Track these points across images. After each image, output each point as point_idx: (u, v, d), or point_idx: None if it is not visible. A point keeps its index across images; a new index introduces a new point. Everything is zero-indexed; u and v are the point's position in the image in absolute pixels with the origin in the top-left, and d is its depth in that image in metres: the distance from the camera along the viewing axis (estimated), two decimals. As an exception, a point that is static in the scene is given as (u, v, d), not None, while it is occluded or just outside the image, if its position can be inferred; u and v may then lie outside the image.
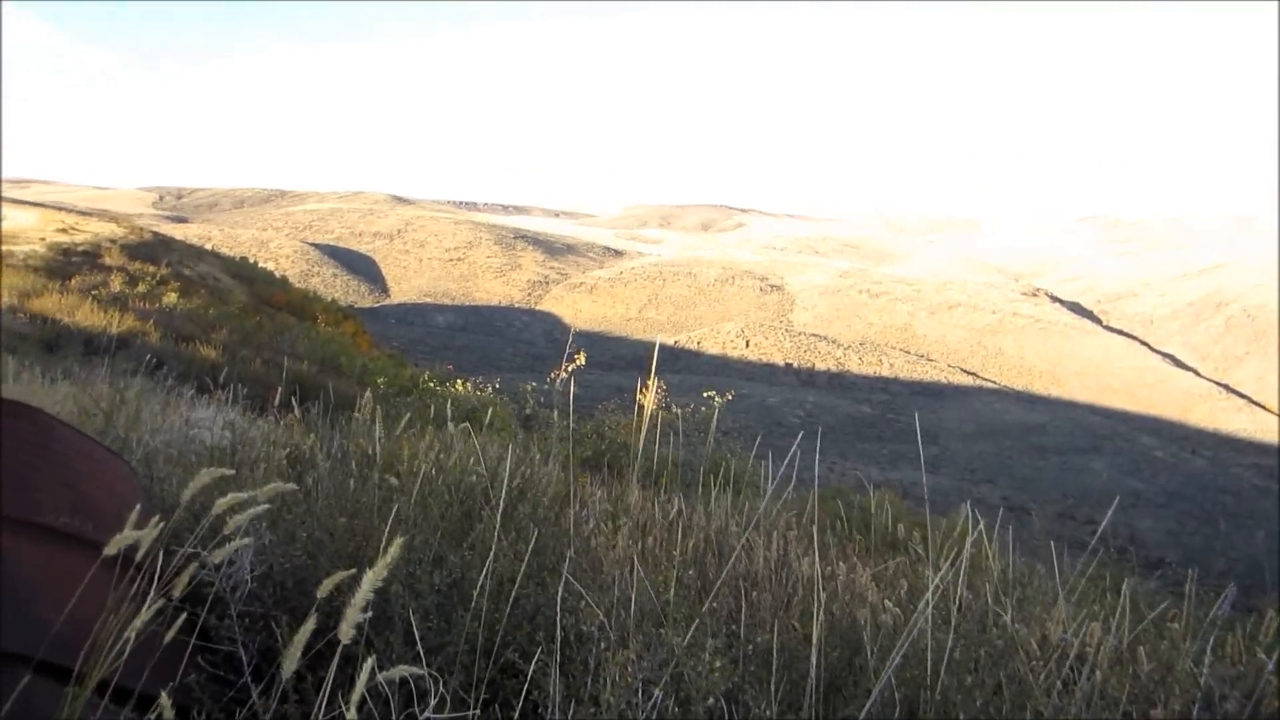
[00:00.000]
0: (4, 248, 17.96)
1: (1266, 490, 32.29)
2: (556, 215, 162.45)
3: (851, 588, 2.53)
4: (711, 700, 1.64)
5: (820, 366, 49.47)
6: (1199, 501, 29.29)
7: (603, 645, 1.75)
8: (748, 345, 51.96)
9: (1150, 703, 1.96)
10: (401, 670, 1.24)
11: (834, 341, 53.88)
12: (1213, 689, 2.10)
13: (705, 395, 9.99)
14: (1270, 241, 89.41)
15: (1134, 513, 27.50)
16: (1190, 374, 56.48)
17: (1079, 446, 35.65)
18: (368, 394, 3.44)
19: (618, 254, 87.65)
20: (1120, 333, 64.94)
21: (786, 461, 2.37)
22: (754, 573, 2.45)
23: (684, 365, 47.84)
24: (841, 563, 2.86)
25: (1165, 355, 60.43)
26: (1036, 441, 36.26)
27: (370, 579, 1.13)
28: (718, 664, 1.67)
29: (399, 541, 1.26)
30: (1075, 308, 71.01)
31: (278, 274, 30.86)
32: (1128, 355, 58.55)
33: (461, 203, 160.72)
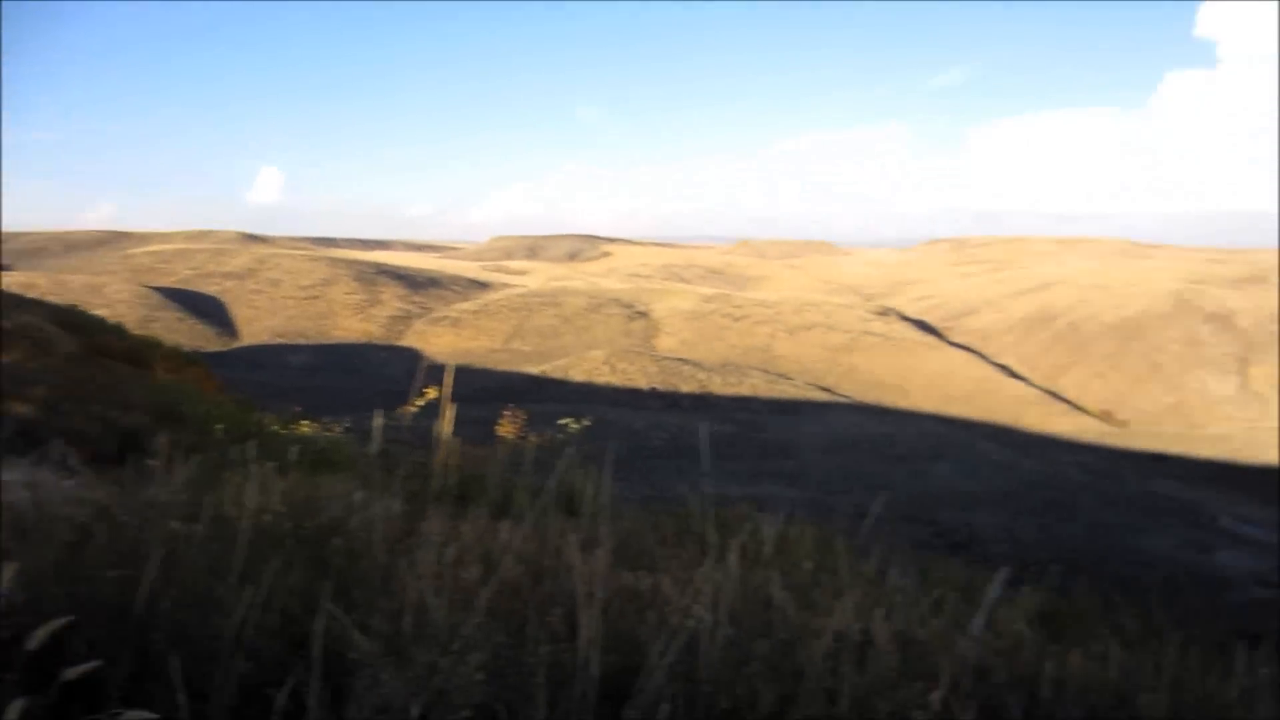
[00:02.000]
0: None
1: (1088, 486, 35.11)
2: (419, 249, 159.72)
3: (645, 593, 2.52)
4: (467, 712, 1.68)
5: (684, 389, 50.46)
6: (1029, 499, 31.50)
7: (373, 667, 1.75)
8: (613, 371, 52.49)
9: (930, 678, 2.07)
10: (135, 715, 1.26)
11: (697, 364, 55.09)
12: (985, 661, 2.35)
13: (561, 423, 10.28)
14: (1091, 262, 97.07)
15: (973, 512, 29.31)
16: (1022, 383, 60.70)
17: (924, 454, 37.75)
18: (163, 440, 3.35)
19: (483, 286, 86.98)
20: (962, 347, 69.07)
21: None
22: (566, 590, 2.40)
23: (550, 394, 47.91)
24: (638, 571, 2.86)
25: (1001, 366, 64.67)
26: (887, 451, 38.17)
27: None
28: (478, 676, 1.71)
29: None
30: (922, 325, 75.05)
31: (111, 320, 29.21)
32: (968, 367, 62.41)
33: (318, 239, 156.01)
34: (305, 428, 13.62)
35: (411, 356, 60.62)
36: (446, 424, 3.96)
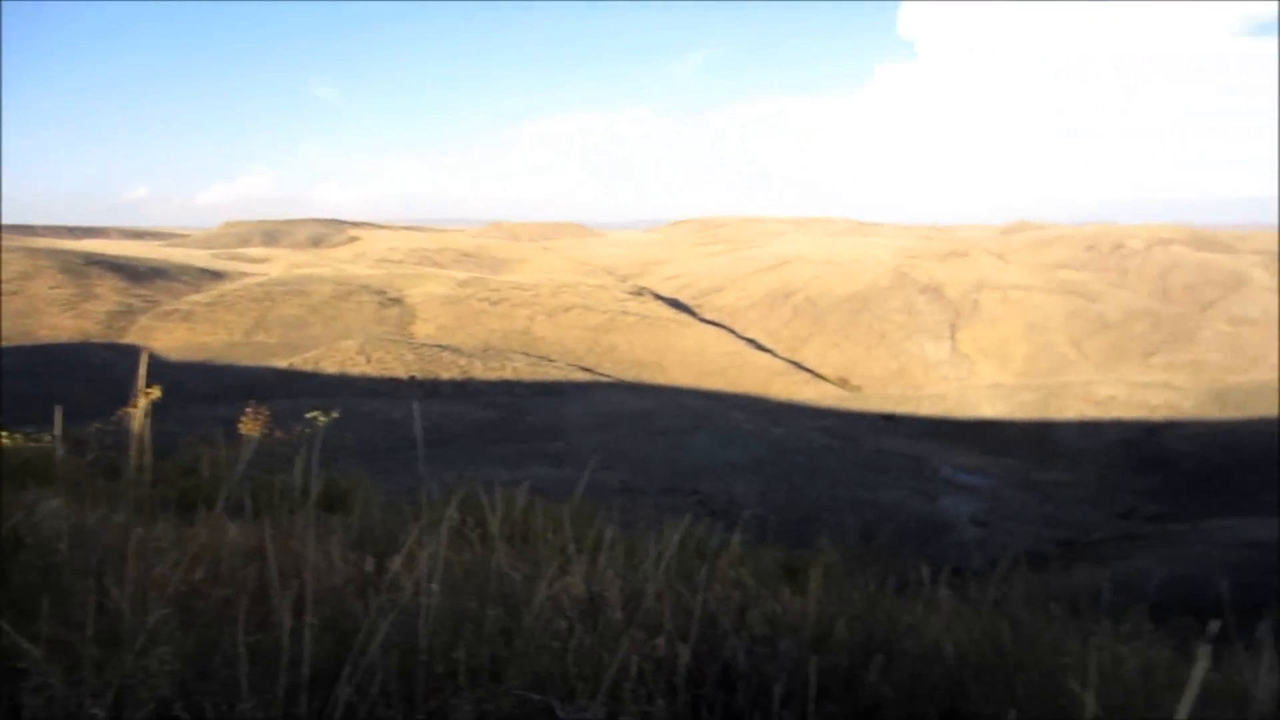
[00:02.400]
0: None
1: (830, 447, 38.03)
2: (139, 236, 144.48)
3: (372, 575, 2.58)
4: (152, 705, 1.67)
5: (445, 375, 49.21)
6: (780, 464, 33.57)
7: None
8: (368, 361, 50.19)
9: (658, 630, 2.28)
10: None
11: (457, 350, 53.89)
12: (713, 609, 2.58)
13: (308, 417, 9.33)
14: (822, 240, 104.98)
15: (731, 479, 30.76)
16: (768, 355, 64.71)
17: (684, 427, 39.17)
18: None
19: (217, 275, 79.91)
20: (712, 323, 72.46)
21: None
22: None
23: (301, 388, 44.94)
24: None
25: (748, 340, 68.56)
26: (648, 426, 39.20)
27: None
28: (166, 669, 1.70)
29: None
30: (675, 303, 77.85)
31: None
32: (719, 342, 65.56)
33: (11, 227, 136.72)
34: (9, 439, 11.59)
35: (138, 355, 54.70)
36: (138, 422, 3.40)
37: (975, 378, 61.83)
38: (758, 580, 3.31)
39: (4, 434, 13.39)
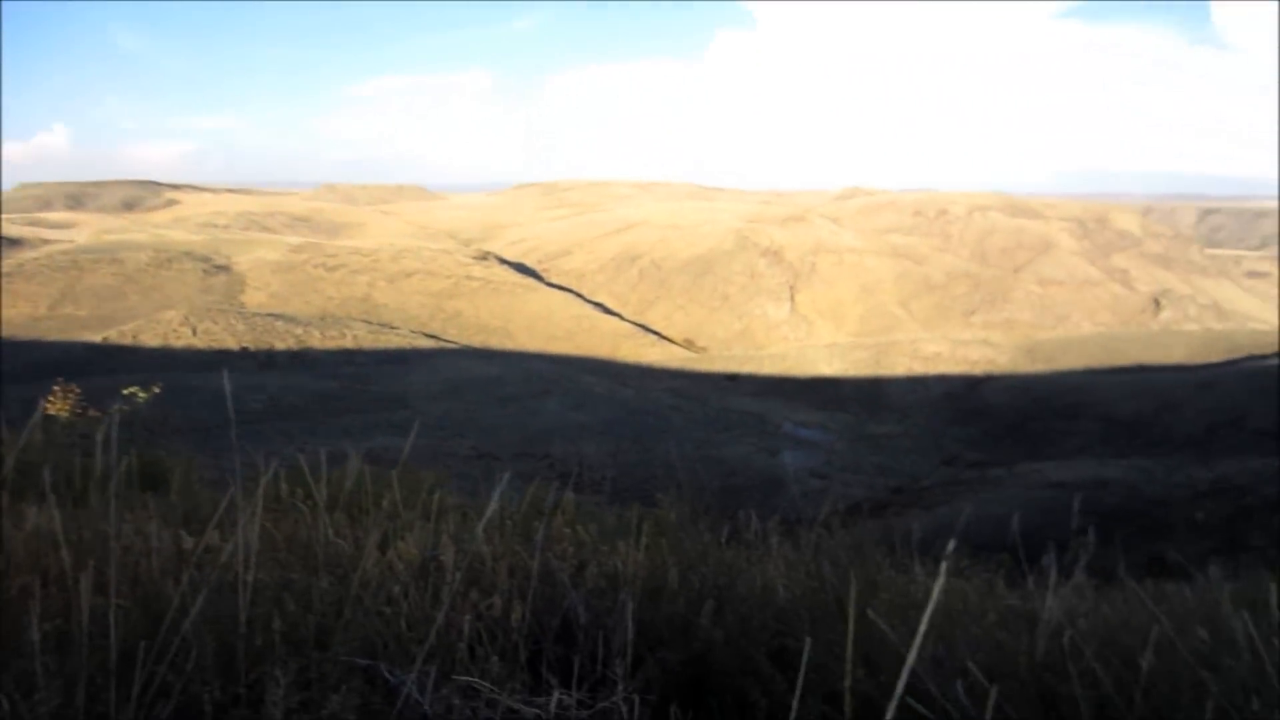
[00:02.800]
0: None
1: (677, 407, 38.98)
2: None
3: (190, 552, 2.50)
4: None
5: (280, 346, 46.97)
6: (630, 425, 34.14)
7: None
8: (195, 333, 47.23)
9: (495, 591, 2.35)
10: None
11: (292, 319, 51.51)
12: (552, 567, 2.68)
13: (126, 393, 8.67)
14: (667, 204, 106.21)
15: (582, 442, 31.01)
16: (616, 318, 65.27)
17: (533, 392, 39.08)
18: None
19: (14, 243, 72.70)
20: (559, 287, 72.26)
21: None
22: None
23: (120, 364, 41.80)
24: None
25: (596, 304, 68.85)
26: (497, 392, 38.87)
27: None
28: None
29: None
30: (520, 267, 77.07)
31: None
32: (567, 306, 65.54)
33: None
34: None
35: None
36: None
37: (813, 338, 64.58)
38: (599, 539, 3.39)
39: None
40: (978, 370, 52.09)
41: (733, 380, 50.19)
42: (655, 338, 62.23)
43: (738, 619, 2.62)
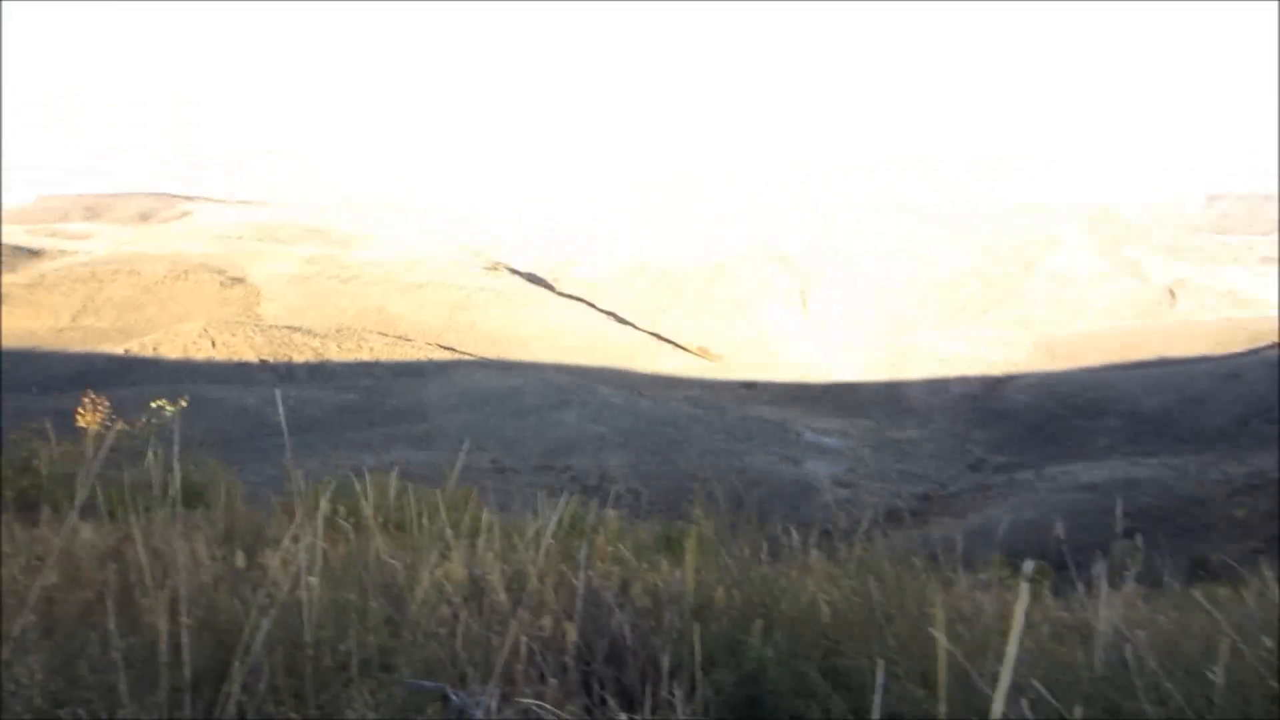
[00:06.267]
0: None
1: (696, 417, 38.82)
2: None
3: (245, 571, 2.52)
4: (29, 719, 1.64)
5: (298, 359, 47.31)
6: (650, 436, 34.06)
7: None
8: (214, 345, 47.64)
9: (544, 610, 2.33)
10: None
11: (310, 331, 51.87)
12: (596, 586, 2.65)
13: (155, 405, 8.68)
14: (668, 212, 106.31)
15: (602, 454, 30.98)
16: (630, 328, 65.26)
17: (551, 403, 39.09)
18: None
19: (34, 254, 73.61)
20: (571, 297, 72.35)
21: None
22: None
23: (141, 375, 42.22)
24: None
25: (609, 314, 68.85)
26: (515, 405, 38.91)
27: None
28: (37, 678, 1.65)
29: None
30: (532, 278, 77.23)
31: None
32: (580, 317, 65.64)
33: None
34: None
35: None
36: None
37: (827, 342, 64.31)
38: (636, 554, 3.38)
39: None
40: (997, 370, 51.41)
41: (750, 388, 50.04)
42: (670, 347, 62.22)
43: (786, 637, 2.59)
